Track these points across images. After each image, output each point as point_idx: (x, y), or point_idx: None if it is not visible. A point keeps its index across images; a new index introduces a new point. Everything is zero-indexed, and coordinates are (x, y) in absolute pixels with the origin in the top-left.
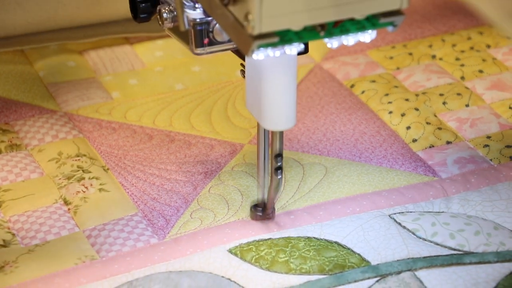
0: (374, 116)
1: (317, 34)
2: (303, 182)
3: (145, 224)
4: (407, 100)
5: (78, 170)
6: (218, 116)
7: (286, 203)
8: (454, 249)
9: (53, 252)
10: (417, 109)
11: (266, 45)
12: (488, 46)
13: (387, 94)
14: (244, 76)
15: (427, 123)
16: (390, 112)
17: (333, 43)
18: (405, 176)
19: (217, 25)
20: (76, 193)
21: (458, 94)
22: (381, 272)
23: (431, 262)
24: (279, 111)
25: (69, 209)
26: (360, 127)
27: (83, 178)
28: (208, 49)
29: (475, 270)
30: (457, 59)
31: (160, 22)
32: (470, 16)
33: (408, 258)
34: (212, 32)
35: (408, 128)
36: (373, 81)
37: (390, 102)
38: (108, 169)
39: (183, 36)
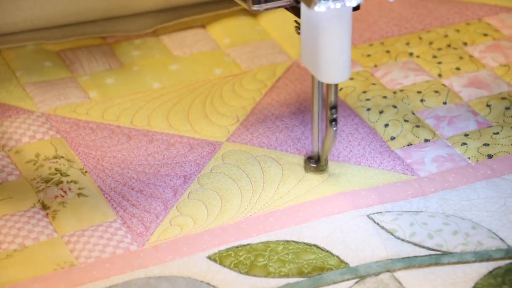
0: (352, 113)
1: None
2: (282, 182)
3: (124, 231)
4: (385, 97)
5: (56, 173)
6: (196, 114)
7: (265, 204)
8: (433, 249)
9: (31, 257)
10: (395, 107)
11: None
12: (465, 44)
13: (365, 92)
14: (298, 33)
15: (405, 120)
16: (368, 109)
17: None
18: (383, 175)
19: None
20: (55, 197)
21: (436, 91)
22: (360, 274)
23: (410, 262)
24: (335, 64)
25: (47, 213)
26: (339, 125)
27: (62, 182)
28: (264, 5)
29: (453, 270)
30: (434, 56)
31: None
32: (446, 14)
33: (387, 259)
34: None
35: (386, 125)
36: (351, 79)
37: (368, 99)
38: (86, 172)
39: None
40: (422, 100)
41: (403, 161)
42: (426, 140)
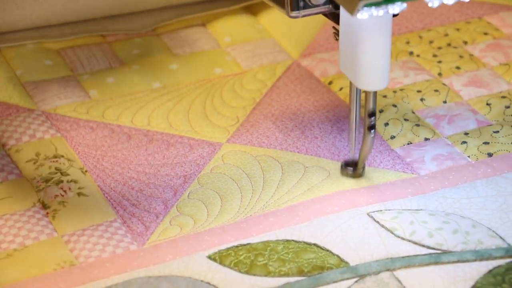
0: None
1: None
2: (281, 181)
3: (124, 230)
4: (385, 96)
5: (56, 172)
6: (196, 114)
7: (265, 204)
8: (433, 248)
9: (31, 257)
10: (395, 106)
11: (371, 5)
12: (465, 43)
13: (365, 91)
14: (337, 39)
15: (405, 119)
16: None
17: (434, 2)
18: (383, 173)
19: None
20: (55, 196)
21: (436, 90)
22: (359, 273)
23: (410, 261)
24: (374, 71)
25: (47, 213)
26: (338, 124)
27: (62, 181)
28: (303, 12)
29: (453, 269)
30: (434, 55)
31: None
32: (446, 13)
33: (387, 258)
34: None
35: (386, 124)
36: None
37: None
38: (86, 171)
39: (277, 0)
40: (422, 99)
41: (403, 159)
42: (426, 139)
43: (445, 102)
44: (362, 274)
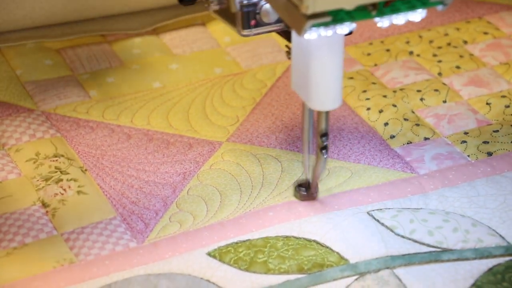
0: (352, 112)
1: (369, 14)
2: (281, 179)
3: (124, 227)
4: (385, 96)
5: (56, 171)
6: (196, 114)
7: (264, 200)
8: (433, 246)
9: (31, 255)
10: (395, 106)
11: (319, 25)
12: (465, 42)
13: (365, 91)
14: (289, 58)
15: (405, 119)
16: (368, 109)
17: (384, 22)
18: (383, 172)
19: (264, 6)
20: (54, 195)
21: (436, 90)
22: (359, 271)
23: (410, 259)
24: (326, 91)
25: (47, 211)
26: (338, 124)
27: (61, 180)
28: (254, 30)
29: (453, 267)
30: (434, 55)
31: (206, 4)
32: (446, 12)
33: (387, 256)
34: (259, 13)
35: (386, 124)
36: (351, 78)
37: (368, 99)
38: (86, 170)
39: (229, 18)
40: (422, 99)
41: (402, 159)
42: (426, 139)
43: (445, 101)
44: (362, 272)
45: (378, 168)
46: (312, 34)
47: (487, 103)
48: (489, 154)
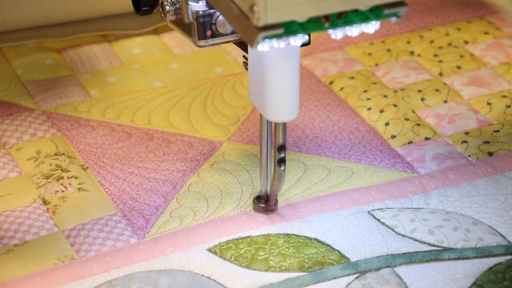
0: (353, 112)
1: (322, 25)
2: None
3: (124, 224)
4: (385, 96)
5: (57, 169)
6: (196, 113)
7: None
8: (433, 245)
9: (32, 252)
10: (395, 106)
11: (271, 37)
12: (466, 42)
13: (365, 91)
14: (246, 69)
15: (406, 119)
16: (369, 109)
17: (337, 34)
18: (384, 172)
19: (220, 17)
20: (55, 192)
21: (436, 90)
22: (360, 269)
23: (410, 258)
24: (282, 102)
25: (48, 208)
26: (339, 124)
27: (62, 177)
28: (211, 41)
29: (454, 266)
30: (435, 55)
31: (162, 15)
32: (447, 12)
33: (388, 255)
34: (215, 24)
35: (387, 124)
36: (352, 78)
37: (368, 99)
38: (87, 168)
39: (185, 28)
40: (422, 99)
41: (403, 159)
42: (427, 138)
43: (445, 101)
44: (363, 270)
45: (379, 167)
46: (265, 46)
47: (487, 103)
48: (490, 154)
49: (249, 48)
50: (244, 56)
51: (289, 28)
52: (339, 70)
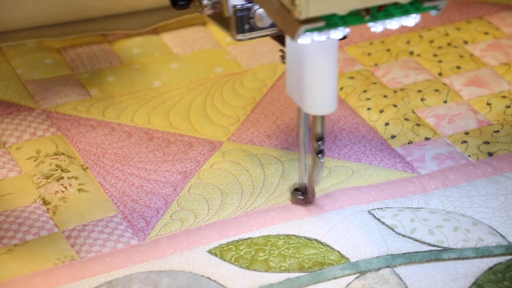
0: (353, 112)
1: (362, 19)
2: (282, 179)
3: (125, 225)
4: (385, 96)
5: (57, 169)
6: (196, 113)
7: (266, 200)
8: (433, 245)
9: (32, 252)
10: (395, 106)
11: (312, 30)
12: (466, 42)
13: (365, 91)
14: (283, 62)
15: (406, 119)
16: (369, 109)
17: (377, 27)
18: (384, 172)
19: (258, 11)
20: (55, 193)
21: (436, 90)
22: (360, 269)
23: (410, 258)
24: (321, 95)
25: (48, 209)
26: (339, 124)
27: (62, 178)
28: (248, 35)
29: (454, 266)
30: (435, 55)
31: (199, 9)
32: (447, 12)
33: (387, 255)
34: (252, 18)
35: (387, 124)
36: (352, 78)
37: (368, 99)
38: (87, 168)
39: (222, 22)
40: (422, 99)
41: (403, 158)
42: (427, 139)
43: (445, 102)
44: (362, 271)
45: (379, 167)
46: (306, 39)
47: (487, 104)
48: (490, 154)
49: (287, 41)
50: (280, 50)
51: (330, 21)
52: (339, 70)
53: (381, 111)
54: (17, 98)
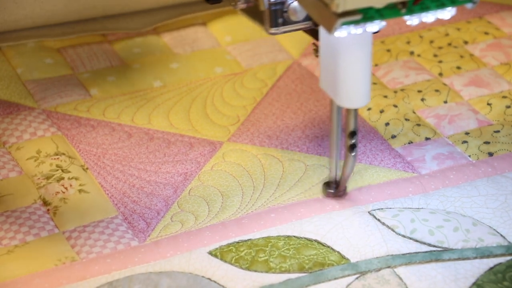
0: None
1: (398, 12)
2: (283, 179)
3: (125, 226)
4: (385, 96)
5: (57, 170)
6: (196, 113)
7: (266, 201)
8: (433, 246)
9: (32, 253)
10: (395, 106)
11: (349, 23)
12: (466, 42)
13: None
14: (317, 56)
15: (406, 119)
16: (369, 109)
17: (413, 20)
18: (384, 172)
19: (292, 4)
20: (56, 193)
21: (436, 90)
22: (360, 270)
23: (410, 259)
24: (355, 88)
25: (48, 210)
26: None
27: (63, 178)
28: (282, 28)
29: (454, 267)
30: (435, 55)
31: (232, 3)
32: None
33: (388, 255)
34: (286, 11)
35: (387, 124)
36: None
37: None
38: (87, 168)
39: (256, 16)
40: (422, 99)
41: (403, 158)
42: (427, 139)
43: (445, 102)
44: (363, 271)
45: (379, 167)
46: (342, 32)
47: (487, 104)
48: (490, 154)
49: (321, 35)
50: (314, 44)
51: (366, 14)
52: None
53: (382, 111)
54: (17, 98)
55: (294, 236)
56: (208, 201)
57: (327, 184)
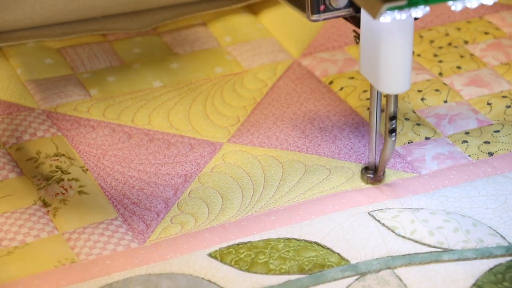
0: (353, 112)
1: None
2: (282, 181)
3: (125, 228)
4: (385, 96)
5: (57, 171)
6: (196, 114)
7: (266, 203)
8: (433, 247)
9: (32, 254)
10: None
11: (394, 8)
12: (466, 42)
13: (365, 91)
14: (357, 42)
15: (406, 119)
16: (369, 109)
17: (457, 6)
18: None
19: None
20: (56, 195)
21: (437, 90)
22: (360, 271)
23: (410, 260)
24: (396, 74)
25: (48, 211)
26: (339, 124)
27: (62, 179)
28: (323, 15)
29: (454, 267)
30: (435, 55)
31: None
32: (447, 12)
33: (387, 256)
34: None
35: None
36: (352, 78)
37: (368, 99)
38: (87, 169)
39: (297, 3)
40: (422, 99)
41: (403, 158)
42: (427, 138)
43: (445, 101)
44: (362, 272)
45: None
46: (387, 18)
47: (487, 103)
48: (490, 154)
49: (362, 21)
50: (354, 31)
51: (411, 0)
52: (339, 70)
53: (382, 111)
54: (17, 98)
55: (294, 238)
56: (208, 203)
57: (365, 169)
